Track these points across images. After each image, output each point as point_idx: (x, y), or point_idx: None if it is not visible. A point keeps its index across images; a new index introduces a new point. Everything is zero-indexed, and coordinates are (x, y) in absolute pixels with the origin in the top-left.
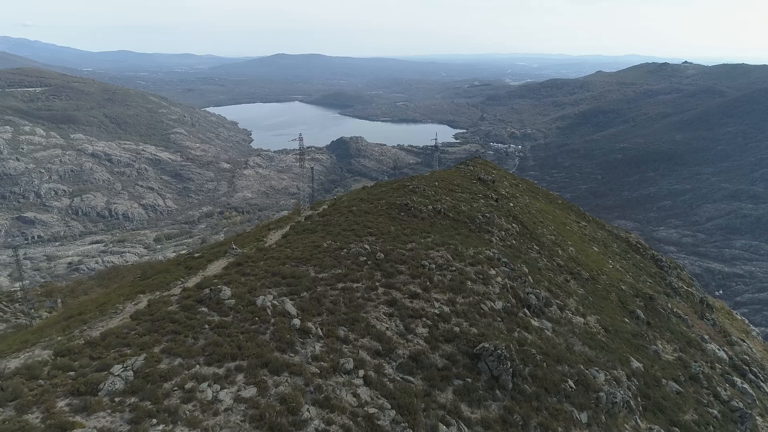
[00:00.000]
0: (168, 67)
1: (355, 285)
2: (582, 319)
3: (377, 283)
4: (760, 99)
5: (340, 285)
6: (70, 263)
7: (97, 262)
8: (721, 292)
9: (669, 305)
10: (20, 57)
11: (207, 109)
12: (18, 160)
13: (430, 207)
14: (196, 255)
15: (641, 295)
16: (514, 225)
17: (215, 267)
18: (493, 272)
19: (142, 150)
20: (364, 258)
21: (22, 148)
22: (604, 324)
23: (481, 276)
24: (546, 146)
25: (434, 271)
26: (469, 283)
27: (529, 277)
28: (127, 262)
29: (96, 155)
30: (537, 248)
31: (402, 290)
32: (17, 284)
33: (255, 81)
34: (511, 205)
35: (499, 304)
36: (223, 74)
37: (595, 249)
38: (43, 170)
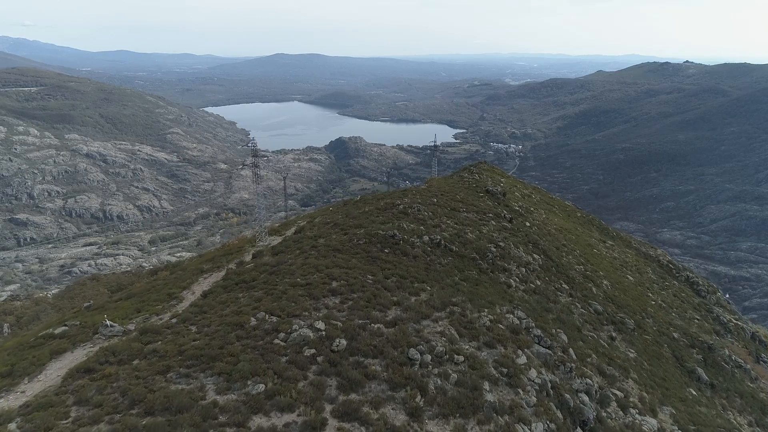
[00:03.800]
0: (167, 67)
1: (282, 422)
2: (654, 421)
3: (327, 410)
4: (764, 99)
5: (255, 422)
6: (62, 266)
7: (90, 265)
8: (727, 296)
9: (727, 353)
10: (18, 57)
11: (205, 109)
12: (11, 160)
13: (426, 238)
14: (57, 332)
15: (698, 345)
16: (535, 256)
17: (55, 370)
18: (522, 359)
19: (138, 150)
20: (312, 351)
21: (15, 149)
22: (681, 421)
23: (504, 370)
24: (546, 146)
25: (429, 368)
26: (486, 387)
27: (571, 351)
28: (120, 265)
29: (91, 156)
30: (567, 288)
31: (372, 423)
32: (8, 288)
33: (254, 81)
34: (528, 224)
35: (538, 429)
36: (222, 74)
37: (630, 278)
38: (36, 171)
